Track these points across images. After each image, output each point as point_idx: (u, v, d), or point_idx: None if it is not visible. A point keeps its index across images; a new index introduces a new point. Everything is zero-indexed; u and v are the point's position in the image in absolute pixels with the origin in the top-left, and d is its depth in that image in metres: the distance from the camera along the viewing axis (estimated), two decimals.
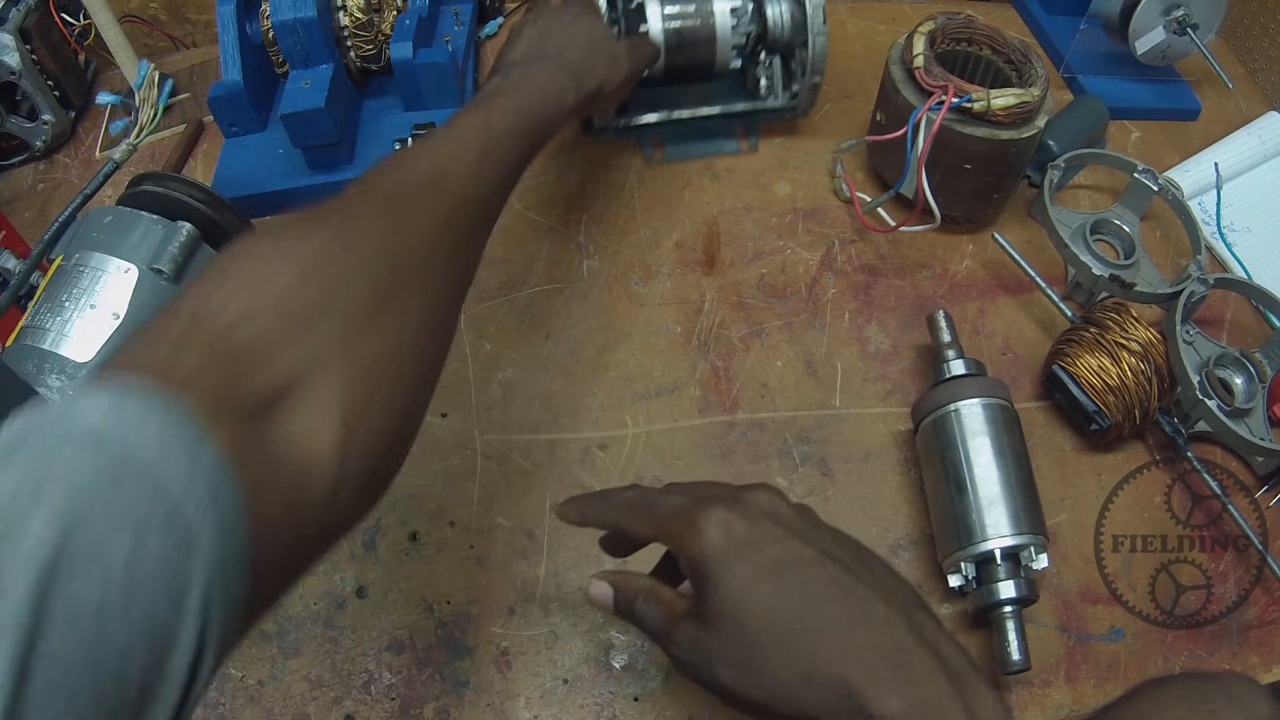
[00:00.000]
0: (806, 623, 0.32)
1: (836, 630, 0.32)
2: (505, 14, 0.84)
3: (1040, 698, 0.51)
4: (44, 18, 0.73)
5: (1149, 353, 0.55)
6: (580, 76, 0.53)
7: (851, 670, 0.31)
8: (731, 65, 0.68)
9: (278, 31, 0.66)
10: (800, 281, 0.66)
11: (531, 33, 0.55)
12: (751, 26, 0.67)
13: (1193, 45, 0.73)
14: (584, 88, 0.53)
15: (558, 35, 0.55)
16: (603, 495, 0.41)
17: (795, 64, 0.69)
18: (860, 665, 0.31)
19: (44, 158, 0.76)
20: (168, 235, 0.50)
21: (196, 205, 0.53)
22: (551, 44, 0.54)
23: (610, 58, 0.57)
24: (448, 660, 0.51)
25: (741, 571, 0.33)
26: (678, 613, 0.35)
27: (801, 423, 0.60)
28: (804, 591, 0.33)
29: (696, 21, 0.66)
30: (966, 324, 0.64)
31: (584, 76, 0.54)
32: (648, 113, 0.71)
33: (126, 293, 0.49)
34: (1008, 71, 0.64)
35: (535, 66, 0.52)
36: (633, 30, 0.65)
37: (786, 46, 0.68)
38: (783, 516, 0.36)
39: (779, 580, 0.33)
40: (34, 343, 0.47)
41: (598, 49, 0.56)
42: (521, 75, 0.51)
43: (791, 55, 0.69)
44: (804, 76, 0.67)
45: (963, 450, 0.52)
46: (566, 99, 0.52)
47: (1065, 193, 0.72)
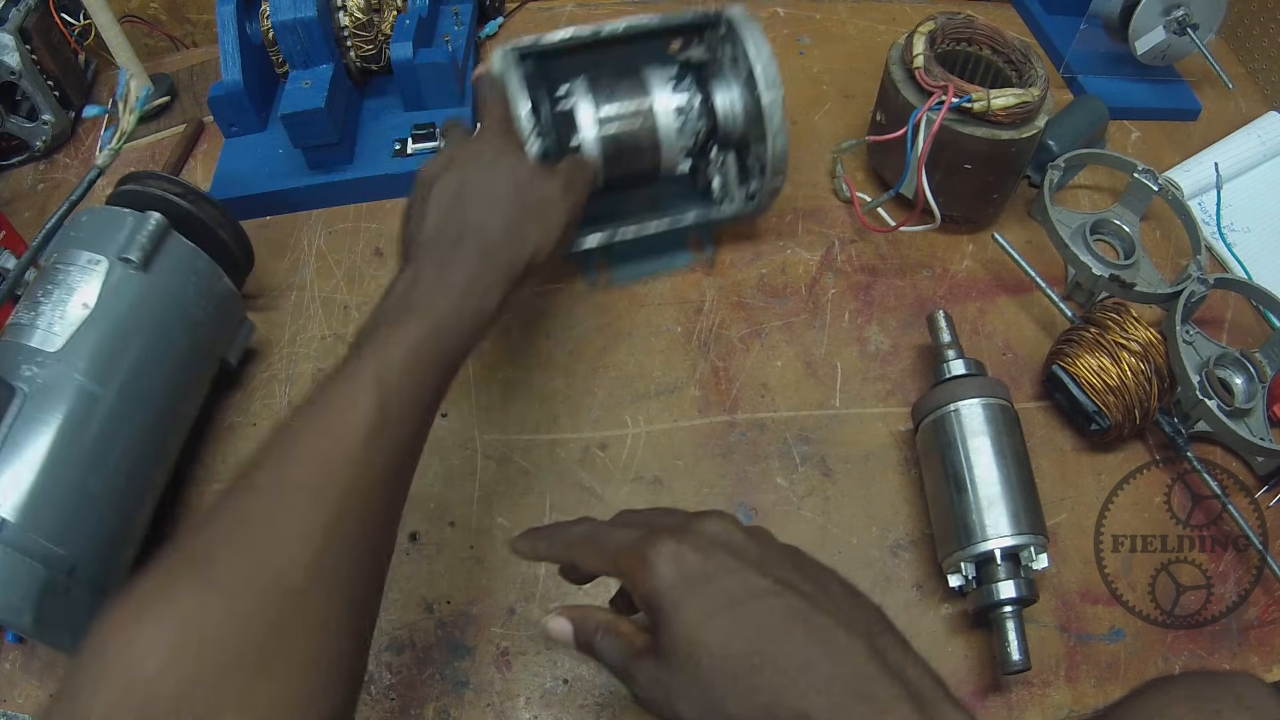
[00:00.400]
0: (765, 656, 0.31)
1: (796, 663, 0.31)
2: (505, 14, 0.84)
3: (1040, 698, 0.51)
4: (44, 18, 0.73)
5: (1149, 353, 0.55)
6: (508, 260, 0.45)
7: (813, 704, 0.30)
8: (680, 170, 0.60)
9: (278, 31, 0.66)
10: (800, 281, 0.66)
11: (444, 191, 0.46)
12: (701, 123, 0.58)
13: (1193, 45, 0.73)
14: (513, 273, 0.45)
15: (476, 193, 0.46)
16: (555, 529, 0.40)
17: (752, 159, 0.60)
18: (822, 698, 0.30)
19: (44, 158, 0.76)
20: (136, 225, 0.51)
21: (169, 198, 0.54)
22: (470, 210, 0.45)
23: (541, 210, 0.47)
24: (448, 660, 0.51)
25: (696, 606, 0.32)
26: (637, 648, 0.35)
27: (801, 423, 0.60)
28: (761, 624, 0.32)
29: (637, 124, 0.57)
30: (966, 324, 0.64)
31: (512, 257, 0.45)
32: (587, 232, 0.59)
33: (97, 283, 0.50)
34: (1008, 71, 0.64)
35: (448, 265, 0.43)
36: (564, 143, 0.56)
37: (741, 140, 0.59)
38: (736, 545, 0.35)
39: (735, 614, 0.32)
40: (12, 338, 0.48)
41: (526, 205, 0.47)
42: (431, 284, 0.42)
43: (747, 149, 0.60)
44: (763, 176, 0.59)
45: (963, 450, 0.52)
46: (490, 301, 0.43)
47: (1065, 193, 0.72)
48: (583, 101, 0.57)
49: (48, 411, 0.46)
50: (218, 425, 0.59)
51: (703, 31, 0.61)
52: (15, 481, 0.44)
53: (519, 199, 0.46)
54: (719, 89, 0.58)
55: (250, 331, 0.60)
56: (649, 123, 0.57)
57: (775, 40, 0.83)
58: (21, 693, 0.51)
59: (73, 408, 0.47)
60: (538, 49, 0.58)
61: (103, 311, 0.49)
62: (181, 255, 0.53)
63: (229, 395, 0.60)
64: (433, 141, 0.70)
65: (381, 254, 0.68)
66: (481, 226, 0.45)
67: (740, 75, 0.57)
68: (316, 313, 0.64)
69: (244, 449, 0.58)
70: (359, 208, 0.70)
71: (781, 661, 0.31)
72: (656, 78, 0.58)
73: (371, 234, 0.69)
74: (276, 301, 0.65)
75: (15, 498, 0.44)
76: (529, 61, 0.57)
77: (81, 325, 0.48)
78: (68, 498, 0.46)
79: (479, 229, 0.45)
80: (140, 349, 0.50)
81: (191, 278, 0.53)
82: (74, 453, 0.46)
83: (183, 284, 0.53)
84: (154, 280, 0.51)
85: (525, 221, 0.46)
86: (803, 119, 0.76)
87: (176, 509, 0.56)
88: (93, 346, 0.48)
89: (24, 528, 0.43)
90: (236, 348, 0.58)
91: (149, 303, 0.51)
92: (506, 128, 0.51)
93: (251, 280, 0.63)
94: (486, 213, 0.45)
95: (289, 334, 0.63)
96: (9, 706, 0.50)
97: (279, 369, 0.62)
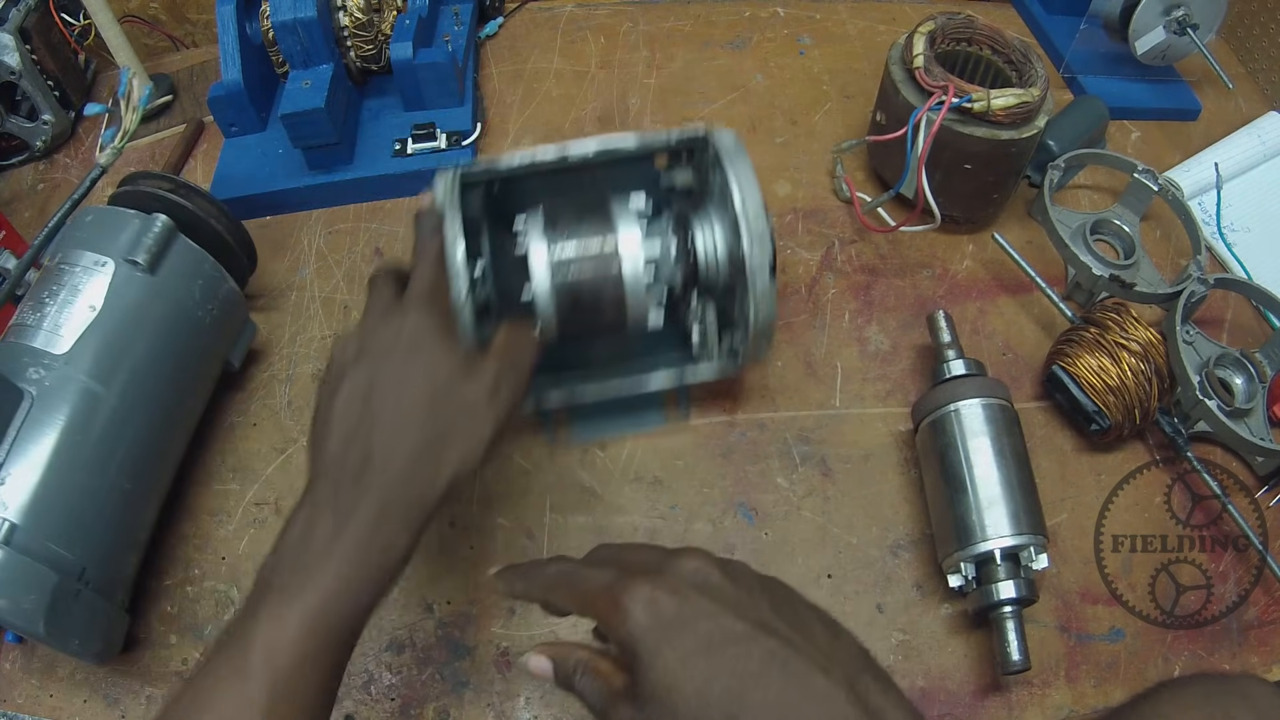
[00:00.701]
0: (743, 703, 0.31)
1: (774, 712, 0.30)
2: (505, 14, 0.84)
3: (1040, 698, 0.51)
4: (44, 18, 0.73)
5: (1149, 353, 0.55)
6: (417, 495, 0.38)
7: None
8: (651, 323, 0.50)
9: (278, 31, 0.66)
10: (800, 281, 0.66)
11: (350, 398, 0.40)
12: (677, 270, 0.50)
13: (1193, 45, 0.73)
14: (425, 509, 0.38)
15: (385, 406, 0.39)
16: (530, 568, 0.40)
17: (737, 310, 0.49)
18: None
19: (44, 158, 0.76)
20: (143, 228, 0.51)
21: (174, 199, 0.54)
22: (376, 430, 0.39)
23: (462, 423, 0.40)
24: (448, 660, 0.51)
25: (671, 653, 0.32)
26: (615, 689, 0.34)
27: (801, 423, 0.60)
28: (738, 670, 0.31)
29: (599, 272, 0.48)
30: (966, 324, 0.64)
31: (423, 490, 0.38)
32: (543, 386, 0.53)
33: (103, 285, 0.49)
34: (1008, 71, 0.64)
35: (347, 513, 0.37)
36: (510, 297, 0.48)
37: (725, 289, 0.50)
38: (712, 586, 0.34)
39: (711, 660, 0.31)
40: (17, 339, 0.48)
41: (442, 421, 0.39)
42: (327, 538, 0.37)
43: (731, 299, 0.50)
44: (747, 328, 0.48)
45: (963, 450, 0.52)
46: (394, 555, 0.38)
47: (1065, 193, 0.72)
48: (535, 241, 0.48)
49: (55, 414, 0.46)
50: (218, 425, 0.59)
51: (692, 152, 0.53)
52: (24, 485, 0.44)
53: (434, 414, 0.39)
54: (701, 227, 0.50)
55: (253, 333, 0.60)
56: (613, 272, 0.48)
57: (775, 40, 0.83)
58: (21, 693, 0.51)
59: (79, 410, 0.47)
60: (489, 176, 0.50)
61: (109, 313, 0.49)
62: (187, 258, 0.53)
63: (229, 395, 0.60)
64: (432, 141, 0.70)
65: (381, 254, 0.68)
66: (387, 457, 0.38)
67: (729, 212, 0.48)
68: (316, 313, 0.64)
69: (244, 449, 0.59)
70: (359, 208, 0.70)
71: (759, 708, 0.30)
72: (626, 215, 0.49)
73: (371, 234, 0.69)
74: (276, 301, 0.65)
75: (24, 501, 0.44)
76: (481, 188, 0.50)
77: (88, 327, 0.48)
78: (75, 501, 0.46)
79: (384, 460, 0.38)
80: (145, 351, 0.50)
81: (197, 280, 0.53)
82: (80, 456, 0.46)
83: (188, 287, 0.53)
84: (160, 283, 0.51)
85: (440, 445, 0.39)
86: (803, 119, 0.76)
87: (178, 510, 0.56)
88: (98, 348, 0.48)
89: (34, 532, 0.43)
90: (239, 349, 0.58)
91: (155, 305, 0.51)
92: (434, 296, 0.43)
93: (252, 280, 0.63)
94: (394, 436, 0.39)
95: (289, 334, 0.63)
96: (9, 706, 0.50)
97: (279, 369, 0.62)
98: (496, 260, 0.48)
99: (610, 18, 0.85)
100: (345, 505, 0.37)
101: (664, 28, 0.84)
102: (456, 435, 0.39)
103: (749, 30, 0.84)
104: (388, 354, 0.40)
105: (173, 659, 0.51)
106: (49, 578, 0.43)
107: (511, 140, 0.75)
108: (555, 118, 0.76)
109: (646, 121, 0.76)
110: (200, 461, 0.58)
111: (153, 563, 0.54)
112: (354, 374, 0.40)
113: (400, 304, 0.42)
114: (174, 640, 0.52)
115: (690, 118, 0.76)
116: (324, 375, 0.42)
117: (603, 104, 0.77)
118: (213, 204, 0.56)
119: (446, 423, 0.39)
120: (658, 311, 0.50)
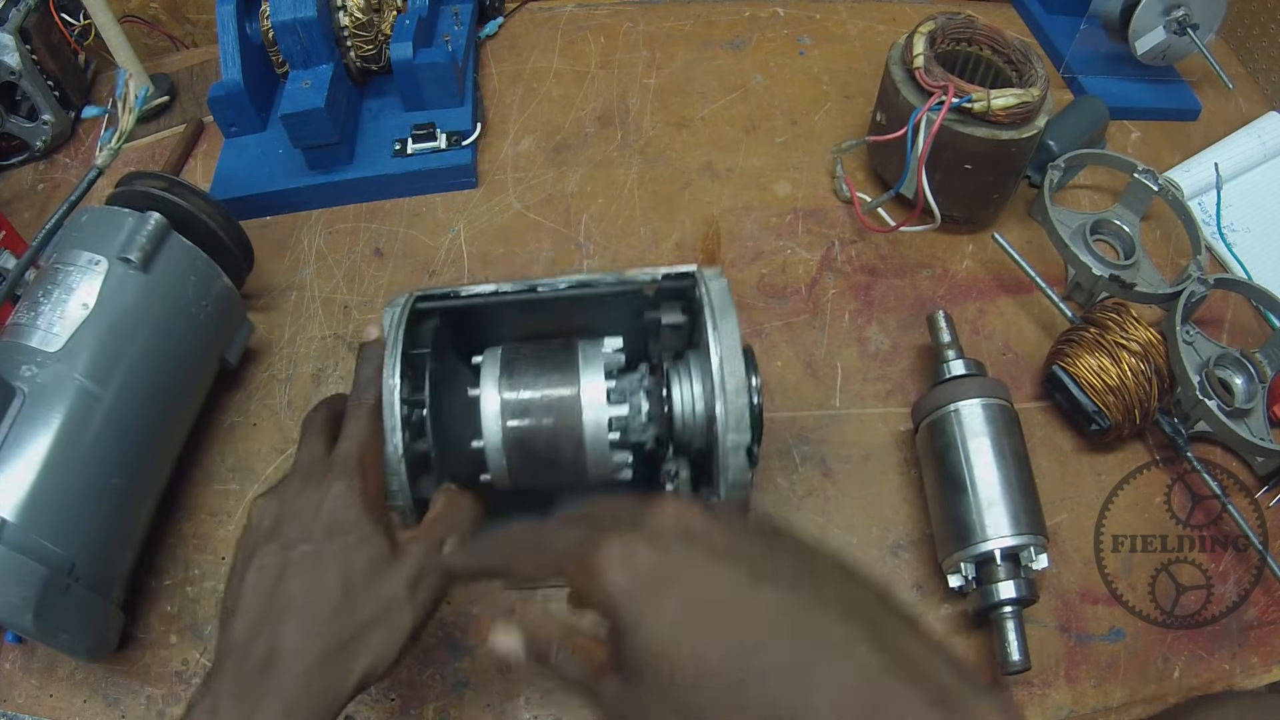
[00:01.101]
0: (750, 665, 0.26)
1: (787, 670, 0.26)
2: (505, 14, 0.84)
3: (1040, 698, 0.51)
4: (44, 18, 0.73)
5: (1149, 353, 0.55)
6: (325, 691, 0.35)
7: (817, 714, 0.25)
8: (620, 478, 0.45)
9: (278, 31, 0.66)
10: (800, 281, 0.66)
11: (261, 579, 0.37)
12: (649, 429, 0.44)
13: (1193, 45, 0.73)
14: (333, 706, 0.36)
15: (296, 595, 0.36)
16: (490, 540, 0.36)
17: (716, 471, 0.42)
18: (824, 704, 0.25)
19: (44, 158, 0.76)
20: (136, 226, 0.51)
21: (169, 198, 0.54)
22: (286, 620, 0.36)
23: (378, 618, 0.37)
24: (448, 660, 0.51)
25: (659, 615, 0.27)
26: (599, 663, 0.30)
27: (801, 423, 0.60)
28: (741, 627, 0.26)
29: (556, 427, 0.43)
30: (966, 324, 0.64)
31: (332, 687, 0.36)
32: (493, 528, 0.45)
33: (97, 283, 0.50)
34: (1008, 71, 0.64)
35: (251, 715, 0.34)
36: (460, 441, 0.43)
37: (703, 449, 0.44)
38: (698, 532, 0.29)
39: (708, 618, 0.27)
40: (12, 338, 0.48)
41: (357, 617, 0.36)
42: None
43: (709, 458, 0.43)
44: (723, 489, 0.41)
45: (963, 450, 0.52)
46: None
47: (1065, 193, 0.72)
48: (489, 387, 0.43)
49: (48, 412, 0.46)
50: (218, 425, 0.59)
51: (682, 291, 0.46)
52: (15, 482, 0.44)
53: (347, 610, 0.36)
54: (679, 380, 0.44)
55: (250, 331, 0.60)
56: (573, 428, 0.43)
57: (775, 40, 0.83)
58: (21, 693, 0.51)
59: (73, 408, 0.47)
60: (447, 305, 0.45)
61: (102, 311, 0.49)
62: (181, 255, 0.53)
63: (229, 395, 0.60)
64: (432, 141, 0.70)
65: (381, 254, 0.68)
66: (293, 655, 0.35)
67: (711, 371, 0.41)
68: (316, 313, 0.64)
69: (244, 449, 0.59)
70: (359, 208, 0.70)
71: (770, 670, 0.26)
72: (593, 365, 0.44)
73: (371, 234, 0.69)
74: (276, 301, 0.65)
75: (15, 498, 0.44)
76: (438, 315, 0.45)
77: (81, 325, 0.49)
78: (68, 498, 0.46)
79: (290, 659, 0.35)
80: (140, 349, 0.50)
81: (191, 278, 0.53)
82: (74, 453, 0.46)
83: (182, 284, 0.53)
84: (154, 280, 0.51)
85: (353, 644, 0.36)
86: (803, 119, 0.76)
87: (176, 509, 0.56)
88: (93, 346, 0.48)
89: (24, 528, 0.43)
90: (236, 348, 0.58)
91: (149, 303, 0.51)
92: (363, 459, 0.40)
93: (251, 280, 0.63)
94: (301, 635, 0.36)
95: (289, 334, 0.63)
96: (9, 706, 0.50)
97: (279, 369, 0.62)
98: (447, 398, 0.44)
99: (610, 18, 0.85)
100: (248, 705, 0.34)
101: (664, 28, 0.84)
102: (371, 633, 0.37)
103: (749, 30, 0.84)
104: (304, 535, 0.37)
105: (173, 659, 0.51)
106: (37, 572, 0.43)
107: (511, 140, 0.75)
108: (555, 117, 0.76)
109: (646, 121, 0.76)
110: (200, 461, 0.58)
111: (152, 563, 0.54)
112: (265, 554, 0.37)
113: (327, 465, 0.39)
114: (174, 640, 0.52)
115: (690, 118, 0.76)
116: (241, 534, 0.39)
117: (603, 104, 0.77)
118: (207, 202, 0.56)
119: (360, 620, 0.36)
120: (626, 471, 0.45)
